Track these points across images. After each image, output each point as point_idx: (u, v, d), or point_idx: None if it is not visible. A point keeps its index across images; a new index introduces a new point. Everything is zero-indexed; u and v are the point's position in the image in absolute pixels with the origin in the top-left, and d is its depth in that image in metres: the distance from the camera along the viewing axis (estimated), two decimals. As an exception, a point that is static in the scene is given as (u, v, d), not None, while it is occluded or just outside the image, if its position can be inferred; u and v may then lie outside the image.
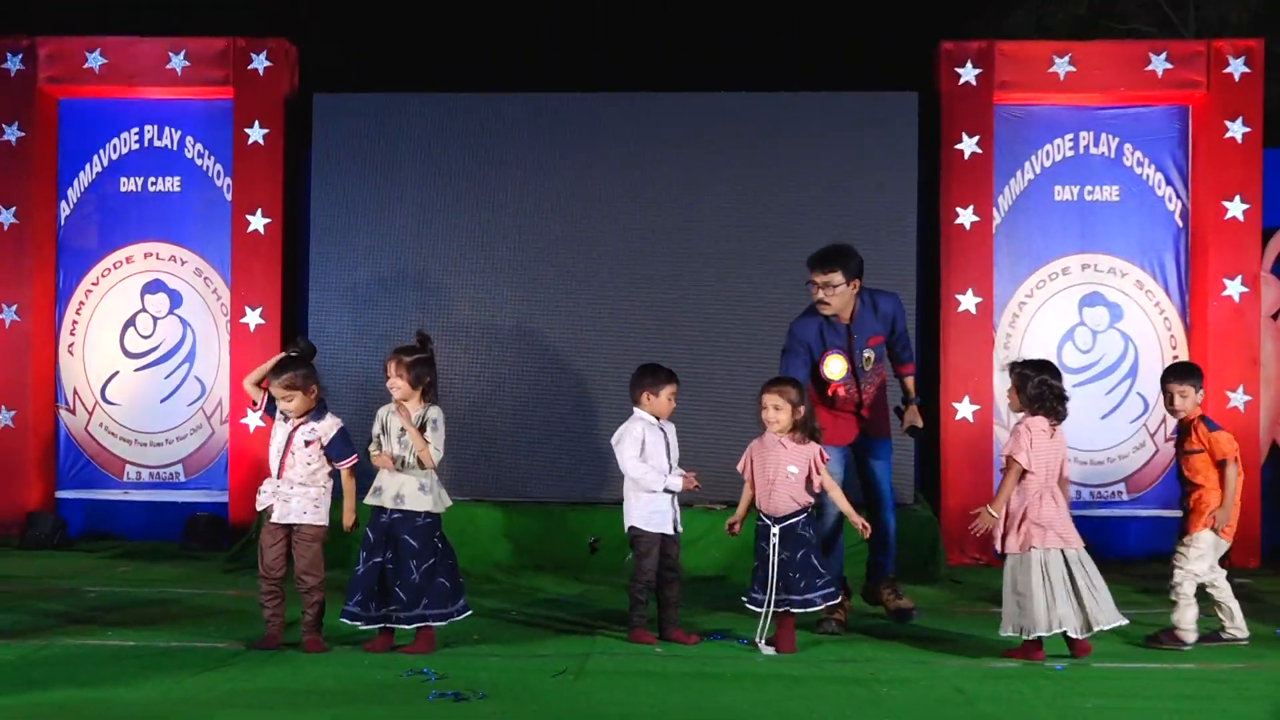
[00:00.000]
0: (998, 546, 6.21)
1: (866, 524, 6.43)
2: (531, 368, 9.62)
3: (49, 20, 10.99)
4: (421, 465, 6.06)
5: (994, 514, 6.12)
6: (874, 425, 7.05)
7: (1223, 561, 9.05)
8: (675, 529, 6.47)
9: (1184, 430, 6.67)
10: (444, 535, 6.17)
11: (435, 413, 6.13)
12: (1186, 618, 6.42)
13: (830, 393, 6.81)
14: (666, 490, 6.39)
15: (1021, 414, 6.25)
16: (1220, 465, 6.50)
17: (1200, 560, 6.51)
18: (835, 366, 6.73)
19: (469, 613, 6.18)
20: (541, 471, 9.55)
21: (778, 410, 6.28)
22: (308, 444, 6.16)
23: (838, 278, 6.66)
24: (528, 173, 9.69)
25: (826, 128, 9.65)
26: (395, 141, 9.85)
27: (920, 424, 7.35)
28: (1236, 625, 6.51)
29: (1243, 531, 9.18)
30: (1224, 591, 6.54)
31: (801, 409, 6.26)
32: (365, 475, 6.31)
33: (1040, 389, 6.17)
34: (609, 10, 15.65)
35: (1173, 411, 6.71)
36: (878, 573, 7.11)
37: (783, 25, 15.12)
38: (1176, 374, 6.76)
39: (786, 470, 6.24)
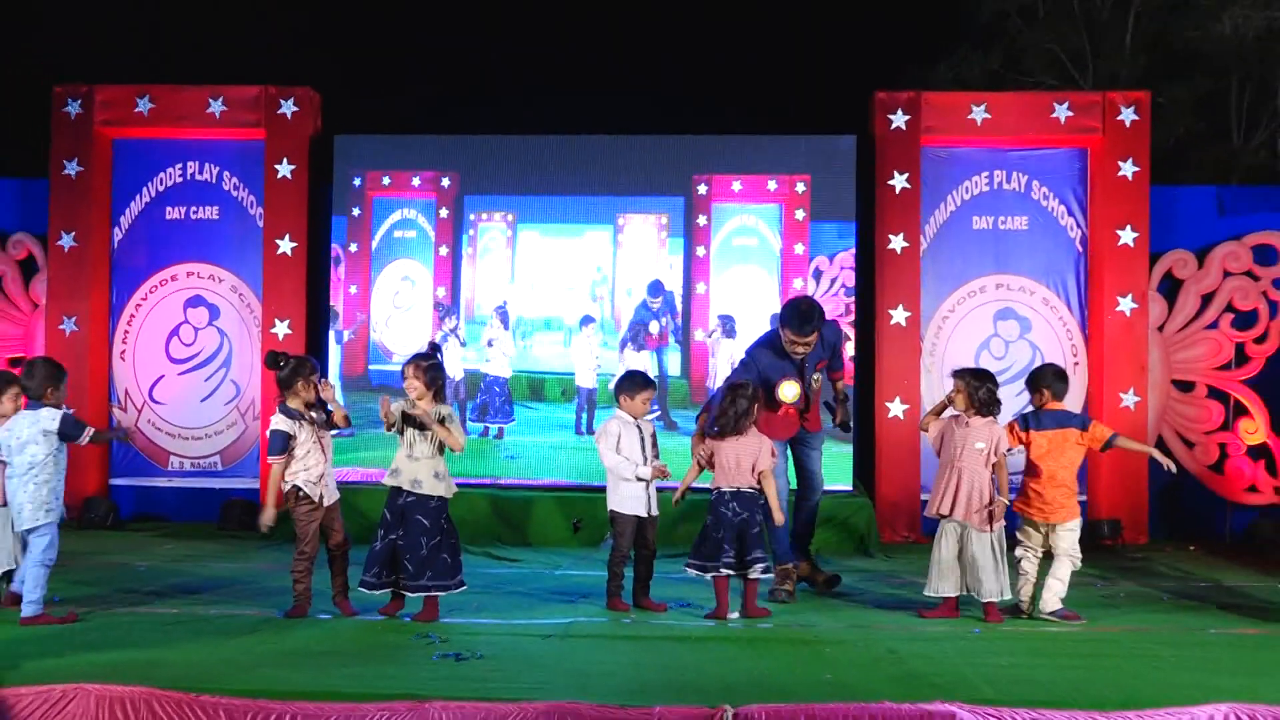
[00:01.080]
0: (992, 526, 6.16)
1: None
2: (529, 373, 9.70)
3: (104, 70, 10.93)
4: (441, 451, 6.07)
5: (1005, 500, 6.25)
6: (810, 422, 7.07)
7: (1115, 538, 9.21)
8: (650, 512, 6.47)
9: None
10: (450, 518, 6.16)
11: (448, 409, 6.13)
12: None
13: (782, 411, 6.80)
14: (638, 479, 6.40)
15: (967, 413, 6.26)
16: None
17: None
18: (790, 391, 6.63)
19: (464, 587, 6.15)
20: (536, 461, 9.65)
21: None
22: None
23: (815, 336, 6.69)
24: (515, 203, 9.78)
25: (781, 165, 9.76)
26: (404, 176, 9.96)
27: (850, 419, 7.38)
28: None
29: (1133, 513, 9.33)
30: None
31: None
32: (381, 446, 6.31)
33: (989, 395, 6.25)
34: (584, 62, 15.79)
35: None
36: (802, 549, 7.15)
37: (740, 80, 15.24)
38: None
39: None
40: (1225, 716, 4.38)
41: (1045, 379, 6.57)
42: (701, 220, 9.47)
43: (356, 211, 9.82)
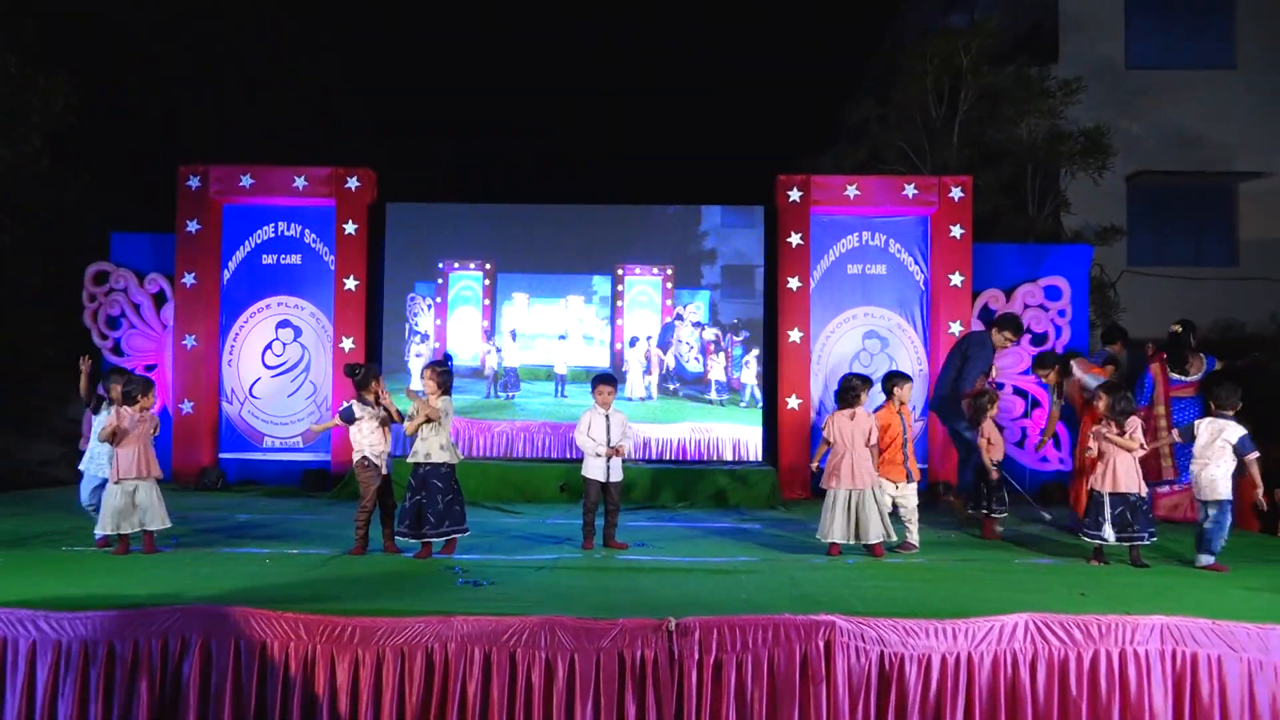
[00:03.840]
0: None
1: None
2: (529, 366, 9.66)
3: (217, 154, 10.83)
4: (428, 421, 5.95)
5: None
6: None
7: (947, 495, 9.21)
8: (610, 478, 6.38)
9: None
10: (457, 480, 6.07)
11: (444, 402, 6.05)
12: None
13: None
14: (597, 455, 6.37)
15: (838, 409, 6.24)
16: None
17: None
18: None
19: (469, 531, 6.09)
20: (534, 412, 9.71)
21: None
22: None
23: None
24: (528, 279, 9.71)
25: (709, 227, 9.84)
26: (438, 234, 9.92)
27: None
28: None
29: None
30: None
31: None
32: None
33: (852, 396, 6.18)
34: (565, 148, 15.92)
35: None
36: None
37: (677, 162, 15.35)
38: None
39: None
40: (1026, 622, 4.42)
41: (894, 380, 6.61)
42: (620, 287, 10.02)
43: (440, 281, 10.02)
